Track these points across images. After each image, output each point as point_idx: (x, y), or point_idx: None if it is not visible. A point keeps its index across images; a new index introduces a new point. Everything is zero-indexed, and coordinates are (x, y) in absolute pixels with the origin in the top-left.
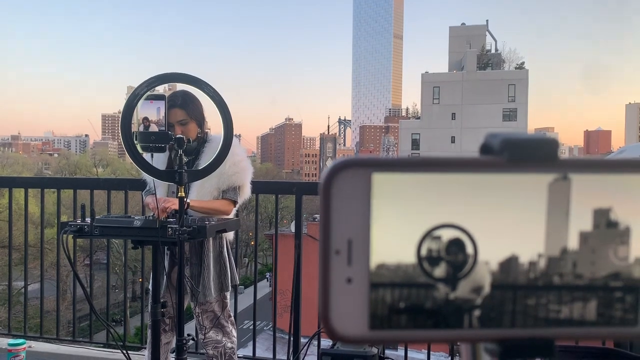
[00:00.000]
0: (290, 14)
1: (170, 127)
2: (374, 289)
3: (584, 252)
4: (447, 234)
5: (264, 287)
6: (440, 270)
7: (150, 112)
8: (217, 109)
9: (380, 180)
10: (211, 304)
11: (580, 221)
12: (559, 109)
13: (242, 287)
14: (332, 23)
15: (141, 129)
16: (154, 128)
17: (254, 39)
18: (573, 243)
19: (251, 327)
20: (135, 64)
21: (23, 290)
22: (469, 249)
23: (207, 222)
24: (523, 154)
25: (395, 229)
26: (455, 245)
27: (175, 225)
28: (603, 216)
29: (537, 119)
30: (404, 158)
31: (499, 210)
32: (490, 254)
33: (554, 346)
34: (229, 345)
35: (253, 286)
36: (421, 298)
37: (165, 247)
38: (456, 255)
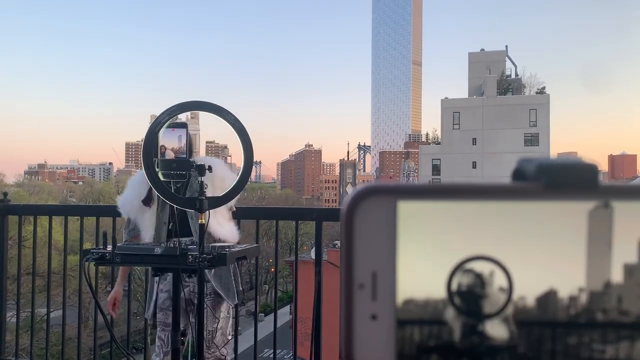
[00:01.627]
0: (308, 41)
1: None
2: (400, 326)
3: (630, 286)
4: (479, 267)
5: (284, 315)
6: (472, 306)
7: (172, 140)
8: (237, 135)
9: (407, 209)
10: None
11: (625, 252)
12: (582, 133)
13: (263, 314)
14: (350, 50)
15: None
16: (170, 155)
17: (270, 66)
18: (617, 276)
19: (271, 355)
20: (159, 93)
21: (45, 317)
22: (504, 283)
23: (227, 250)
24: (561, 180)
25: (424, 262)
26: (489, 279)
27: (195, 253)
28: None
29: (559, 143)
30: (432, 185)
31: (535, 241)
32: (526, 288)
33: None
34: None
35: (273, 314)
36: (452, 337)
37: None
38: (490, 290)
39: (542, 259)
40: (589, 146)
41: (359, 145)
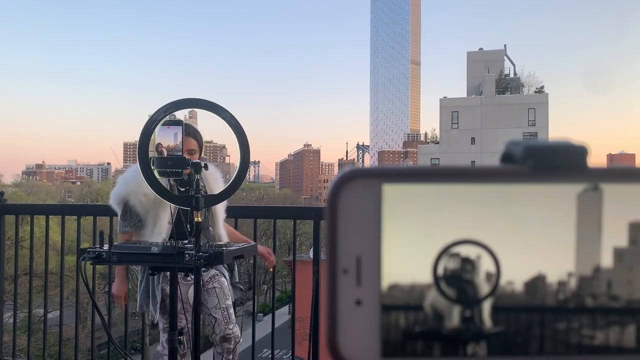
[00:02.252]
0: (306, 41)
1: None
2: (385, 311)
3: (620, 270)
4: (466, 251)
5: (283, 315)
6: (458, 291)
7: (168, 138)
8: (234, 133)
9: (392, 192)
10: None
11: (615, 236)
12: (581, 132)
13: (261, 314)
14: (348, 50)
15: (156, 154)
16: (164, 154)
17: (269, 66)
18: (607, 261)
19: (269, 355)
20: (157, 94)
21: (44, 318)
22: (491, 268)
23: (224, 248)
24: (548, 162)
25: (409, 246)
26: (475, 263)
27: (192, 252)
28: None
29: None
30: (417, 167)
31: (523, 225)
32: (514, 273)
33: None
34: (240, 341)
35: (271, 314)
36: (438, 322)
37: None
38: (477, 275)
39: (530, 243)
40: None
41: (357, 144)
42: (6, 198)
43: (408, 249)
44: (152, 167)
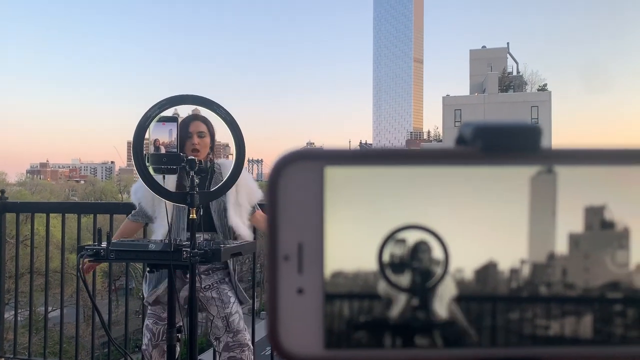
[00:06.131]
0: (308, 39)
1: (188, 137)
2: (329, 300)
3: (576, 257)
4: (412, 237)
5: None
6: (405, 279)
7: (162, 135)
8: (228, 130)
9: (335, 175)
10: (237, 305)
11: (570, 221)
12: (584, 130)
13: (264, 312)
14: (351, 48)
15: (152, 150)
16: (162, 150)
17: (271, 64)
18: (562, 247)
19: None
20: (161, 92)
21: (44, 316)
22: (439, 254)
23: (221, 245)
24: (499, 143)
25: (353, 231)
26: (423, 249)
27: (188, 249)
28: (596, 215)
29: (561, 140)
30: (361, 150)
31: (473, 209)
32: (464, 260)
33: None
34: (251, 348)
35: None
36: (384, 311)
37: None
38: (424, 262)
39: (480, 229)
40: (591, 143)
41: (360, 142)
42: (7, 196)
43: (352, 235)
44: (147, 164)
